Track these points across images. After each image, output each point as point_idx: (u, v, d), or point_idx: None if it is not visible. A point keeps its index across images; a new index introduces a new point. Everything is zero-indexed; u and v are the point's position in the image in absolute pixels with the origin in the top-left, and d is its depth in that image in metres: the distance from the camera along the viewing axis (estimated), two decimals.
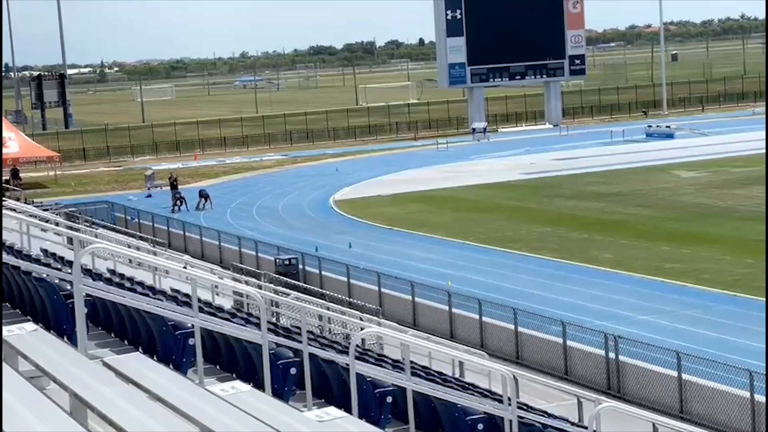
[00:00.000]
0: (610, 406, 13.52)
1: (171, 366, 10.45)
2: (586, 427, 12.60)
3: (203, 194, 59.30)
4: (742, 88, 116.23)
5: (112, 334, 12.58)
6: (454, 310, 30.53)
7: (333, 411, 7.36)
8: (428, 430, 12.08)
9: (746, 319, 29.58)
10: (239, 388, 6.94)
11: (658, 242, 40.99)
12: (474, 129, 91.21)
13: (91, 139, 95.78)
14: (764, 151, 67.45)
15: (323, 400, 11.99)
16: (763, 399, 21.25)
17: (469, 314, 30.00)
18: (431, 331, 28.83)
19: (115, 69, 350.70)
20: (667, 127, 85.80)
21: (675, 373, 23.13)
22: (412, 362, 14.23)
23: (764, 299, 31.36)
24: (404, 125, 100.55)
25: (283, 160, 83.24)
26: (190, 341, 10.70)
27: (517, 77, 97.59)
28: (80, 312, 8.93)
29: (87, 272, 15.15)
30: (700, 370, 23.11)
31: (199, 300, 12.79)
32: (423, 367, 17.44)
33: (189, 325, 10.62)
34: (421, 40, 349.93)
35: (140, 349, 11.40)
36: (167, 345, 11.06)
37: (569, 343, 26.37)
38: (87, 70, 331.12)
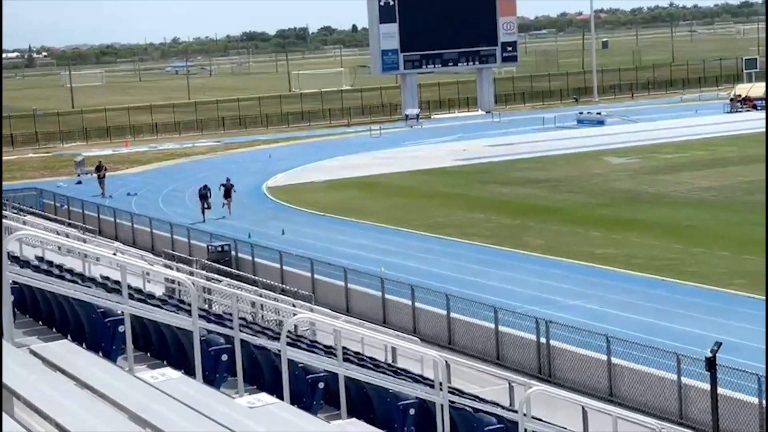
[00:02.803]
0: (541, 390, 13.65)
1: (100, 353, 10.36)
2: (516, 411, 12.70)
3: (227, 191, 49.90)
4: (670, 75, 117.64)
5: (40, 322, 12.43)
6: (387, 296, 30.60)
7: (264, 397, 7.35)
8: (360, 415, 12.09)
9: (675, 303, 30.01)
10: (169, 375, 6.90)
11: (590, 228, 41.38)
12: (407, 115, 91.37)
13: (20, 124, 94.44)
14: (698, 137, 68.46)
15: (255, 387, 11.96)
16: (692, 382, 21.57)
17: (402, 300, 30.09)
18: (364, 317, 28.87)
19: (44, 54, 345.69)
20: (597, 113, 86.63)
21: (605, 357, 23.40)
22: (344, 348, 14.25)
23: (701, 285, 31.86)
24: (337, 112, 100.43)
25: (215, 146, 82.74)
26: (120, 328, 10.61)
27: (450, 64, 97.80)
28: (7, 300, 8.81)
29: (14, 259, 14.96)
30: (629, 353, 23.40)
31: (130, 287, 12.69)
32: (355, 353, 17.46)
33: (119, 312, 10.53)
34: (355, 27, 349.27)
35: (69, 337, 11.28)
36: (96, 332, 10.97)
37: (501, 328, 26.55)
38: (14, 54, 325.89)
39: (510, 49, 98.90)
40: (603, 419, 15.65)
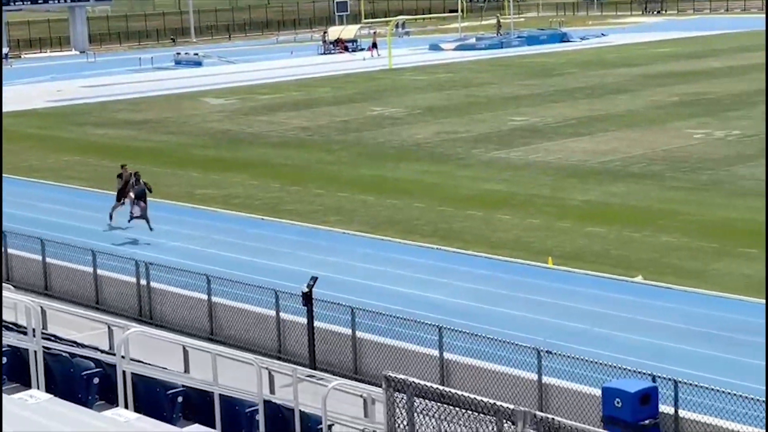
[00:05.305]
0: (138, 332, 13.52)
1: None
2: (114, 354, 12.51)
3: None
4: (266, 17, 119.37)
5: None
6: None
7: None
8: None
9: (273, 241, 30.65)
10: None
11: (189, 169, 41.35)
12: None
13: None
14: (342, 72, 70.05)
15: None
16: (290, 317, 22.17)
17: None
18: None
19: None
20: (195, 54, 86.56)
21: (205, 297, 23.54)
22: None
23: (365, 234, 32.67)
24: None
25: None
26: None
27: (40, 1, 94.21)
28: None
29: None
30: (229, 292, 23.67)
31: None
32: None
33: None
34: None
35: None
36: None
37: (100, 271, 26.05)
38: None
39: None
40: (204, 357, 15.75)
